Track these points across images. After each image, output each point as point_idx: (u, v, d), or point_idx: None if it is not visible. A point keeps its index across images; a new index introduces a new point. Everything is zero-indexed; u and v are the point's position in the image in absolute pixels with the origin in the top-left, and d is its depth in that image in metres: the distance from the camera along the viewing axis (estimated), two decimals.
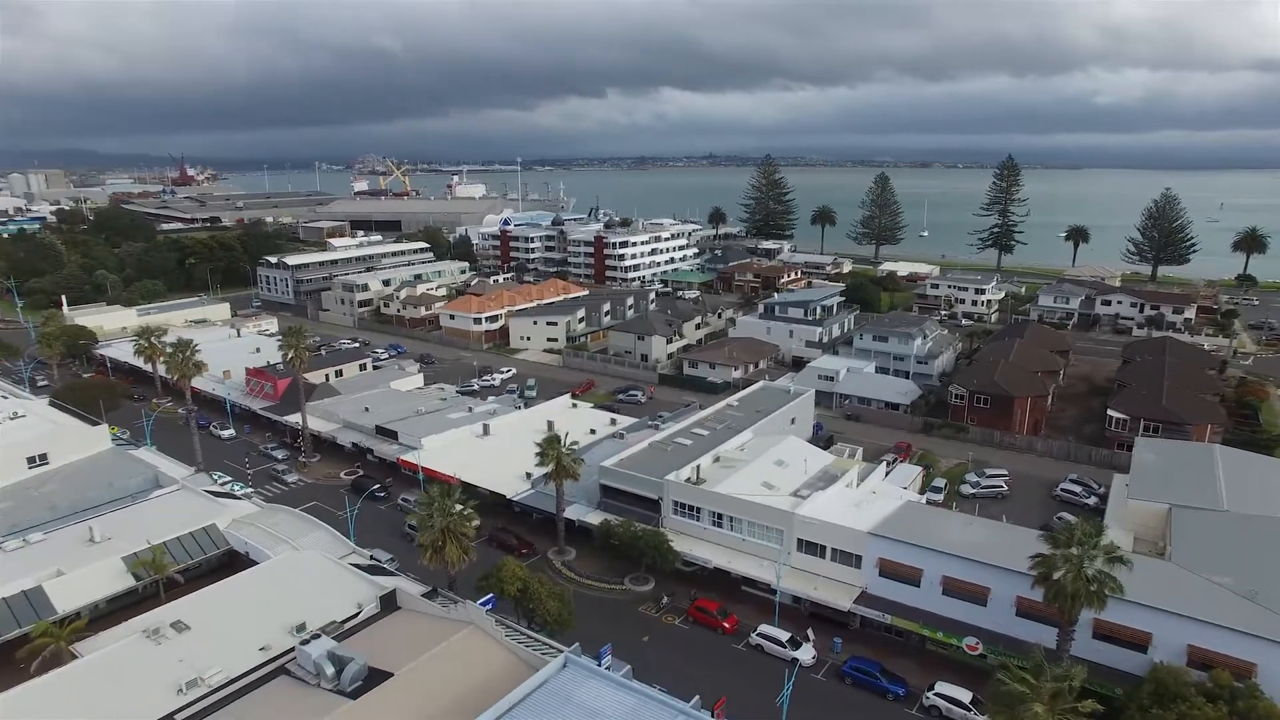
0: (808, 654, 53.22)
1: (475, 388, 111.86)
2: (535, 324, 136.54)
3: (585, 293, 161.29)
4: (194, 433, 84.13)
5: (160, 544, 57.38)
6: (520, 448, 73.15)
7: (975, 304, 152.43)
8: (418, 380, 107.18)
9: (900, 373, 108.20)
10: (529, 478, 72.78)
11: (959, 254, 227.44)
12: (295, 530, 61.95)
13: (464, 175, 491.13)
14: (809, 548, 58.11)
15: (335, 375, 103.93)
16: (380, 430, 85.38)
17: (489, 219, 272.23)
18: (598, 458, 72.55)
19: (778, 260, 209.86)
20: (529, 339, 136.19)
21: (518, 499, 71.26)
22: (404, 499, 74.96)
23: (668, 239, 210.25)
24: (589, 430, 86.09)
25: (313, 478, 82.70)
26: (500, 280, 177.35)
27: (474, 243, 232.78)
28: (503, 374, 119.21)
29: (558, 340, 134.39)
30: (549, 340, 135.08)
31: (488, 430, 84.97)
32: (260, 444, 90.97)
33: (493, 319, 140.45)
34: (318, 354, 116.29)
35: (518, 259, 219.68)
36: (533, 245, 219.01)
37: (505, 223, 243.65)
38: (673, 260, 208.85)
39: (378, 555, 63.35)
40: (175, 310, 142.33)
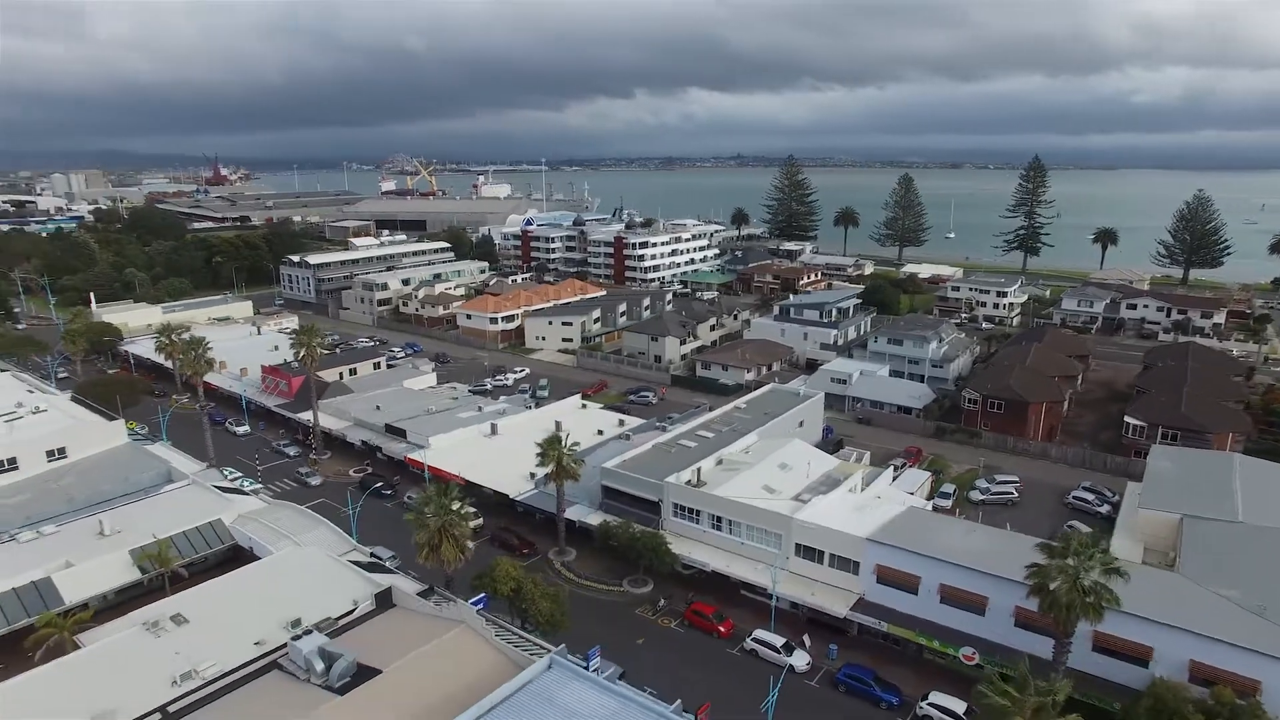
0: (802, 660, 52.78)
1: (488, 387, 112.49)
2: (550, 324, 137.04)
3: (603, 293, 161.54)
4: (206, 429, 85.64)
5: (166, 538, 58.44)
6: (527, 448, 72.96)
7: (997, 307, 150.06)
8: (430, 379, 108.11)
9: (915, 376, 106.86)
10: (533, 478, 73.02)
11: (984, 256, 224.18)
12: (299, 526, 62.79)
13: (489, 175, 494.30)
14: (807, 553, 57.62)
15: (349, 373, 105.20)
16: (390, 429, 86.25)
17: (511, 219, 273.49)
18: (602, 459, 72.54)
19: (799, 262, 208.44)
20: (544, 339, 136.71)
21: (520, 499, 71.55)
22: (409, 497, 75.58)
23: (688, 240, 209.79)
24: (596, 431, 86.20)
25: (323, 475, 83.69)
26: (518, 280, 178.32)
27: (496, 243, 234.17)
28: (516, 374, 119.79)
29: (572, 340, 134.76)
30: (564, 340, 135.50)
31: (496, 430, 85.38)
32: (274, 440, 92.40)
33: (509, 319, 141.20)
34: (332, 352, 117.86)
35: (538, 259, 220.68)
36: (553, 245, 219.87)
37: (528, 223, 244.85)
38: (693, 261, 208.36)
39: (380, 553, 63.82)
40: (199, 308, 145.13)
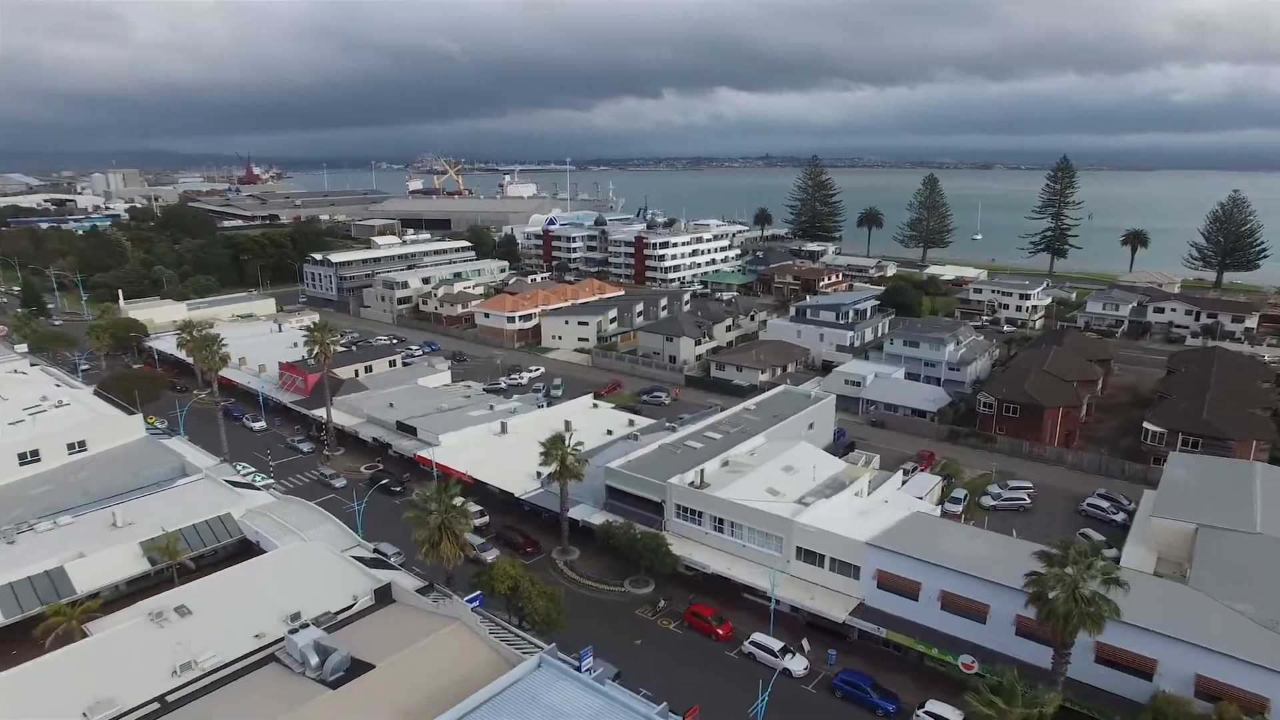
0: (799, 664, 52.36)
1: (502, 386, 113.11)
2: (567, 323, 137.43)
3: (621, 293, 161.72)
4: (220, 424, 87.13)
5: (175, 531, 59.64)
6: (535, 447, 72.97)
7: (1019, 310, 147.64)
8: (445, 377, 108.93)
9: (931, 379, 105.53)
10: (539, 477, 73.25)
11: (1011, 258, 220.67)
12: (306, 522, 63.68)
13: (515, 175, 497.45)
14: (808, 556, 57.16)
15: (365, 371, 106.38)
16: (401, 426, 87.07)
17: (534, 218, 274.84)
18: (610, 459, 72.52)
19: (820, 263, 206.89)
20: (560, 338, 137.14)
21: (525, 498, 71.80)
22: (418, 494, 76.18)
23: (709, 240, 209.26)
24: (606, 431, 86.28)
25: (335, 471, 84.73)
26: (537, 280, 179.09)
27: (518, 242, 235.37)
28: (531, 373, 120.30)
29: (588, 340, 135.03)
30: (580, 340, 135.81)
31: (505, 429, 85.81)
32: (289, 436, 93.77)
33: (526, 318, 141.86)
34: (349, 350, 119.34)
35: (559, 259, 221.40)
36: (574, 245, 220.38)
37: (551, 222, 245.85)
38: (714, 261, 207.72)
39: (385, 549, 64.55)
40: (223, 305, 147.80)
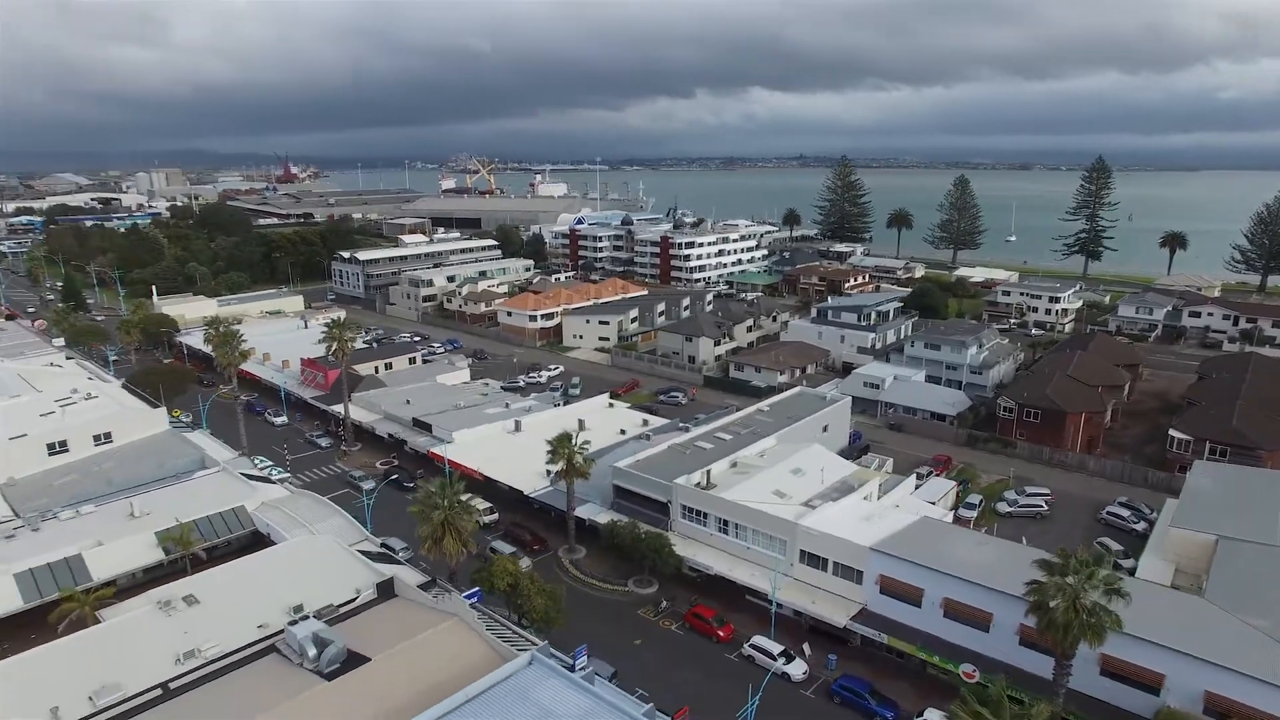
0: (799, 669, 51.90)
1: (521, 384, 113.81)
2: (588, 322, 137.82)
3: (644, 292, 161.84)
4: (240, 418, 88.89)
5: (190, 522, 60.95)
6: (547, 446, 73.87)
7: (1049, 313, 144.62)
8: (464, 375, 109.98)
9: (953, 382, 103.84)
10: (549, 475, 73.55)
11: (1045, 260, 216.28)
12: (316, 515, 64.62)
13: (546, 174, 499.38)
14: (811, 560, 56.62)
15: (385, 368, 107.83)
16: (417, 422, 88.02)
17: (563, 218, 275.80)
18: (620, 458, 72.55)
19: (847, 264, 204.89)
20: (581, 337, 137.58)
21: (534, 496, 72.13)
22: (422, 490, 76.96)
23: (735, 240, 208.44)
24: (619, 430, 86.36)
25: (351, 466, 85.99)
26: (561, 279, 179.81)
27: (546, 241, 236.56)
28: (550, 371, 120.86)
29: (609, 339, 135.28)
30: (601, 339, 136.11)
31: (519, 427, 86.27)
32: (308, 431, 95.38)
33: (548, 316, 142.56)
34: (370, 347, 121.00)
35: (586, 258, 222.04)
36: (601, 244, 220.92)
37: (579, 221, 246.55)
38: (740, 261, 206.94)
39: (393, 544, 65.51)
40: (253, 301, 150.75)
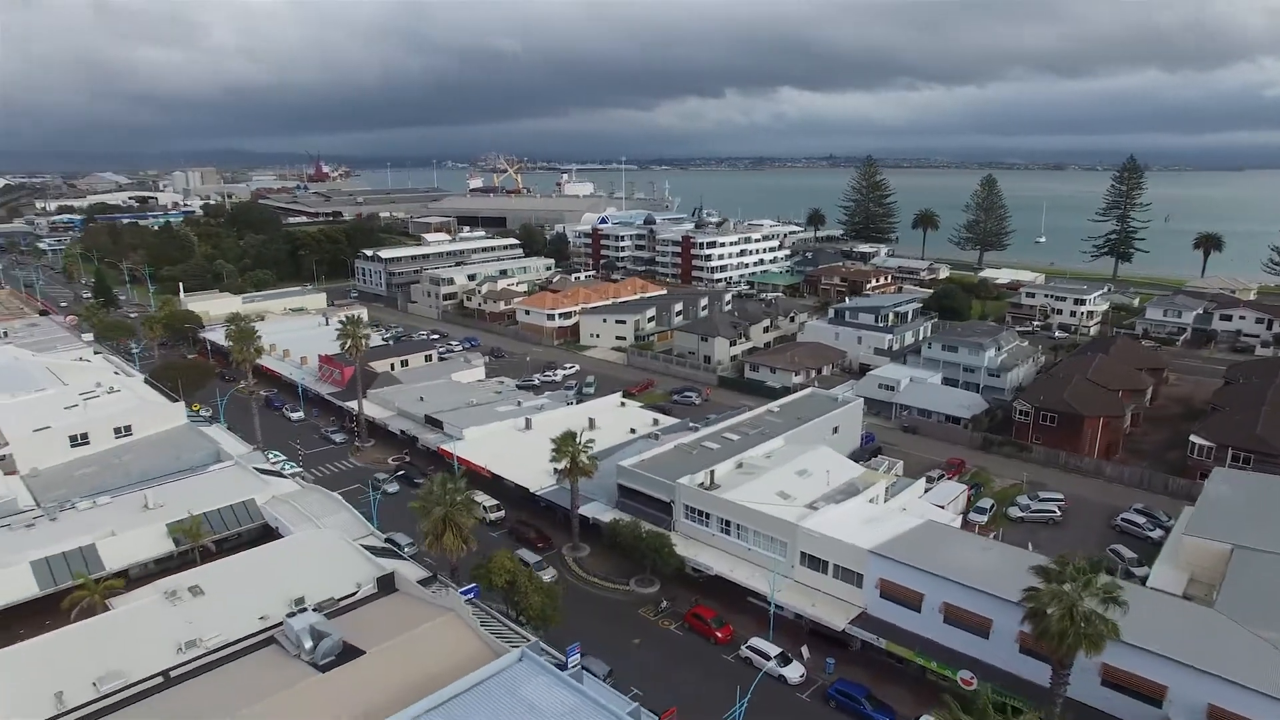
0: (796, 671, 51.54)
1: (536, 382, 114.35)
2: (605, 322, 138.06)
3: (663, 292, 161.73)
4: (255, 413, 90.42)
5: (200, 514, 62.17)
6: None
7: (1073, 315, 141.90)
8: (479, 373, 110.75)
9: (970, 385, 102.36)
10: (556, 473, 73.77)
11: (1074, 262, 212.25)
12: (323, 510, 65.65)
13: (573, 174, 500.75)
14: (812, 562, 56.22)
15: (401, 365, 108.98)
16: (429, 419, 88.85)
17: (586, 217, 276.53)
18: (627, 457, 72.56)
19: (871, 264, 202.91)
20: (598, 336, 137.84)
21: (540, 494, 72.44)
22: (424, 486, 77.58)
23: (758, 240, 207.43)
24: (629, 430, 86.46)
25: (363, 462, 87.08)
26: (581, 278, 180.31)
27: (569, 240, 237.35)
28: (565, 370, 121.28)
29: (626, 339, 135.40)
30: (618, 338, 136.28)
31: (530, 425, 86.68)
32: (324, 427, 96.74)
33: (566, 315, 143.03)
34: (388, 344, 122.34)
35: (608, 257, 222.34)
36: (623, 244, 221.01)
37: (602, 220, 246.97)
38: (761, 262, 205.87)
39: (398, 539, 66.20)
40: (277, 299, 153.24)
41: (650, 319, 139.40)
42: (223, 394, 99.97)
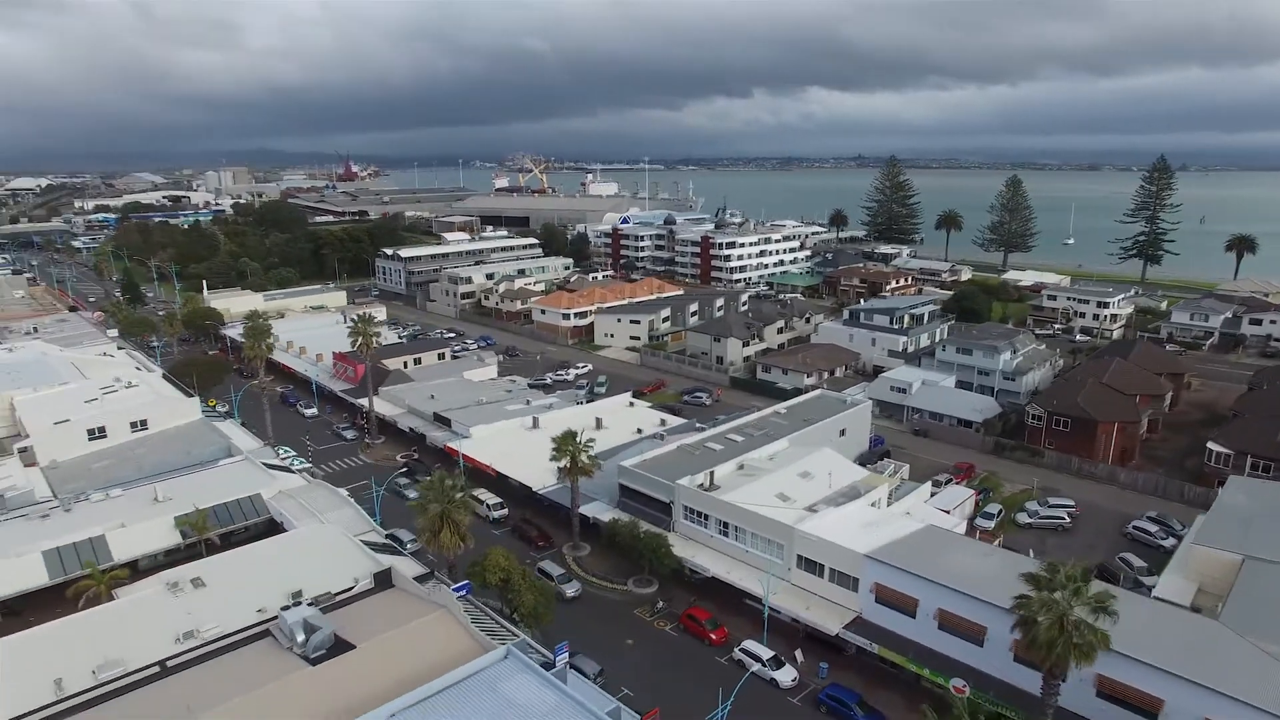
0: (788, 675, 51.18)
1: (548, 381, 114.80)
2: (619, 321, 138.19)
3: (680, 292, 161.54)
4: (266, 409, 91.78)
5: (207, 508, 63.31)
6: None
7: (1096, 319, 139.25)
8: (491, 371, 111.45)
9: (985, 389, 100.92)
10: (559, 472, 74.00)
11: (1102, 264, 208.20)
12: (327, 505, 66.47)
13: (598, 174, 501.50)
14: (809, 565, 55.80)
15: (414, 363, 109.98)
16: (438, 417, 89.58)
17: (608, 217, 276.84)
18: (630, 457, 72.60)
19: (892, 265, 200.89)
20: (613, 336, 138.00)
21: (542, 492, 72.71)
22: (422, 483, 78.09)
23: (777, 241, 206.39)
24: (636, 430, 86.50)
25: (372, 458, 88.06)
26: (598, 277, 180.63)
27: (590, 240, 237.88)
28: (578, 369, 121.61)
29: (640, 339, 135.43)
30: (632, 338, 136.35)
31: (537, 424, 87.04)
32: (336, 423, 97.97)
33: (581, 315, 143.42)
34: (402, 342, 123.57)
35: (627, 257, 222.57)
36: (642, 244, 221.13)
37: (624, 220, 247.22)
38: (781, 262, 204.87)
39: (402, 536, 66.79)
40: (297, 296, 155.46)
41: (665, 319, 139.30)
42: (234, 390, 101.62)
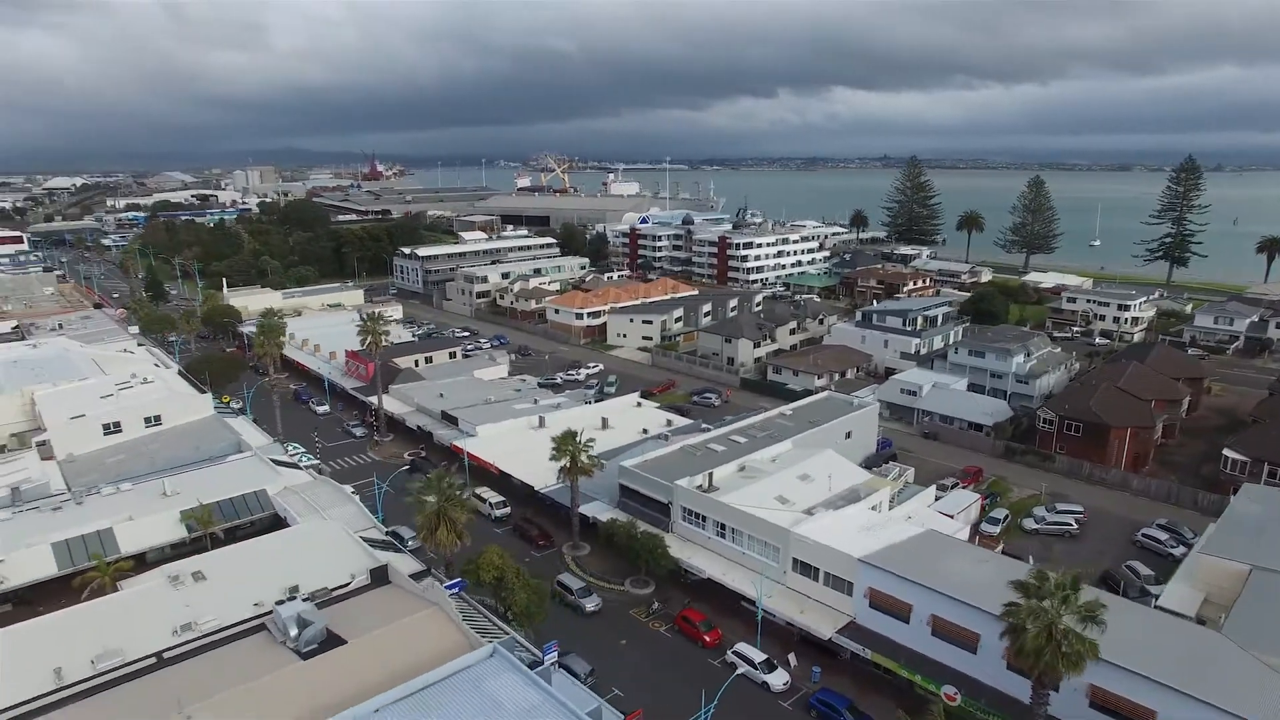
0: (780, 679, 50.93)
1: (558, 381, 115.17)
2: (632, 321, 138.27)
3: (694, 292, 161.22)
4: (276, 406, 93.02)
5: (212, 503, 64.27)
6: None
7: (1117, 321, 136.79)
8: (502, 370, 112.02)
9: (997, 392, 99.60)
10: (560, 471, 74.17)
11: (1127, 266, 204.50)
12: (330, 501, 67.19)
13: (619, 173, 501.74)
14: (804, 568, 55.47)
15: (425, 361, 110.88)
16: (445, 415, 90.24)
17: (627, 216, 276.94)
18: (633, 458, 72.58)
19: (911, 266, 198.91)
20: (625, 336, 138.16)
21: (544, 492, 72.95)
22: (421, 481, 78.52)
23: (795, 241, 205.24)
24: (642, 430, 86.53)
25: (380, 456, 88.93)
26: (614, 277, 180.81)
27: (608, 240, 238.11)
28: (588, 369, 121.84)
29: (652, 339, 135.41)
30: (644, 338, 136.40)
31: (543, 423, 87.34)
32: (346, 421, 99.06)
33: (595, 315, 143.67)
34: (415, 340, 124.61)
35: (645, 257, 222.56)
36: (660, 244, 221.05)
37: (643, 220, 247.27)
38: (799, 263, 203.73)
39: (403, 533, 67.33)
40: (315, 295, 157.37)
41: (678, 319, 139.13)
42: (247, 387, 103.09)
